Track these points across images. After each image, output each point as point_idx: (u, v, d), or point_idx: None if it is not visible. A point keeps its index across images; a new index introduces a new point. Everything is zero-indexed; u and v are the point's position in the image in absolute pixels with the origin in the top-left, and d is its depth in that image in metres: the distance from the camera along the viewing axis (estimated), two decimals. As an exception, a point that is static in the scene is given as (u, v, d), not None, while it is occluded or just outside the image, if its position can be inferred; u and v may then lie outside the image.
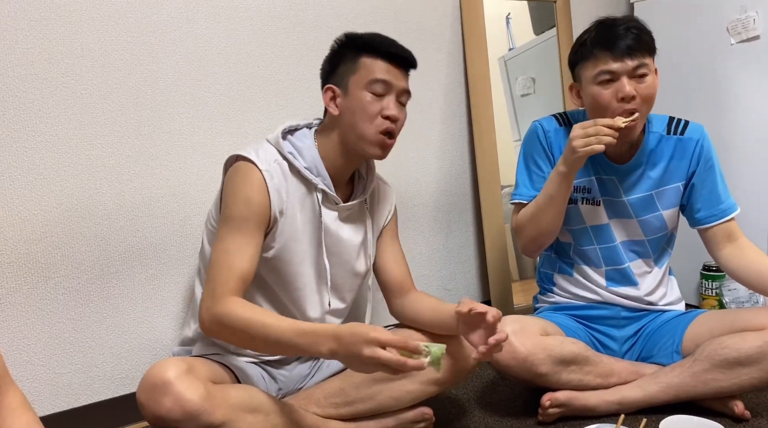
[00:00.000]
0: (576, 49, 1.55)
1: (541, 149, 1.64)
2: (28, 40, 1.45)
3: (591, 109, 1.53)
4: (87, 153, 1.54)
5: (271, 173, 1.31)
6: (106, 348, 1.61)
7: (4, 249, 1.46)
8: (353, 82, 1.35)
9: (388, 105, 1.35)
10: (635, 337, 1.66)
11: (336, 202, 1.40)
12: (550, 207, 1.55)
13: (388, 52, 1.36)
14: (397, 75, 1.37)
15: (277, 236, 1.34)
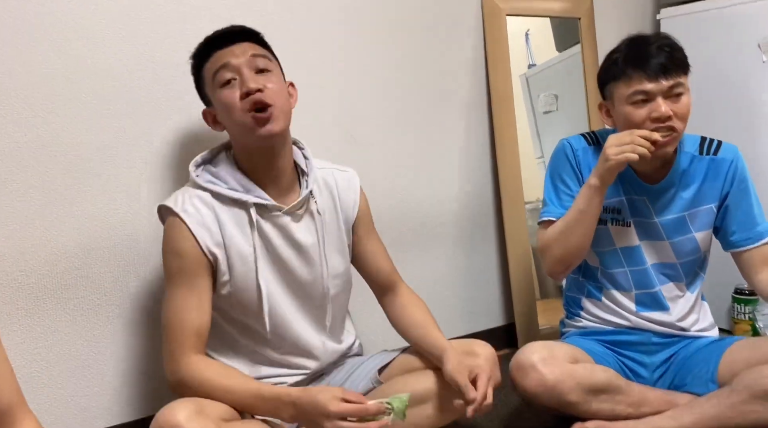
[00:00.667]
0: (607, 67, 1.51)
1: (569, 167, 1.60)
2: (50, 60, 1.44)
3: (624, 129, 1.49)
4: (107, 173, 1.52)
5: (189, 213, 1.27)
6: (125, 370, 1.58)
7: (24, 269, 1.45)
8: (210, 92, 1.34)
9: (242, 83, 1.28)
10: (667, 364, 1.60)
11: (279, 208, 1.33)
12: (579, 223, 1.50)
13: (211, 42, 1.33)
14: (235, 51, 1.30)
15: (227, 269, 1.30)
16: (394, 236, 1.97)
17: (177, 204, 1.29)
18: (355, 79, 1.87)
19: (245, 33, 1.34)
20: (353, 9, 1.85)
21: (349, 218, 1.47)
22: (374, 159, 1.92)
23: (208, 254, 1.28)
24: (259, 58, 1.30)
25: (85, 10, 1.47)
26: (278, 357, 1.39)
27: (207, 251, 1.27)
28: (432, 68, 2.01)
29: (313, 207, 1.39)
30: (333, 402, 1.13)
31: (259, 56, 1.30)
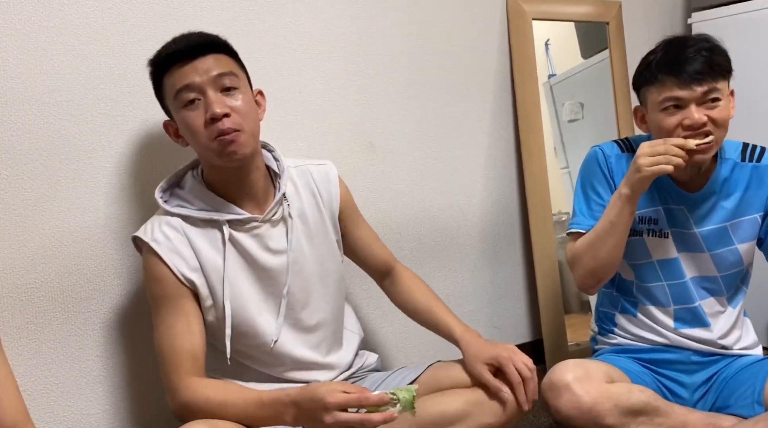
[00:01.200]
0: (641, 71, 1.45)
1: (601, 175, 1.53)
2: (64, 66, 1.40)
3: (657, 136, 1.42)
4: (121, 182, 1.48)
5: (159, 241, 1.23)
6: (138, 387, 1.53)
7: (34, 282, 1.40)
8: (171, 106, 1.26)
9: (207, 106, 1.19)
10: (708, 384, 1.52)
11: (254, 219, 1.28)
12: (610, 234, 1.43)
13: (173, 54, 1.22)
14: (198, 68, 1.20)
15: (208, 293, 1.26)
16: (415, 246, 1.91)
17: (147, 233, 1.25)
18: (375, 86, 1.82)
19: (208, 44, 1.24)
20: (374, 15, 1.80)
21: (334, 212, 1.42)
22: (395, 167, 1.87)
23: (185, 281, 1.24)
24: (225, 76, 1.22)
25: (100, 13, 1.43)
26: (283, 374, 1.34)
27: (183, 278, 1.24)
28: (455, 73, 1.95)
29: (286, 210, 1.33)
30: (331, 393, 1.09)
31: (225, 75, 1.22)
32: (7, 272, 1.37)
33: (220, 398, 1.18)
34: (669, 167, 1.32)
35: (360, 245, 1.48)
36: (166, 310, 1.24)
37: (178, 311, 1.23)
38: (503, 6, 2.03)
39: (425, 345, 1.91)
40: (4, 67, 1.35)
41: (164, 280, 1.23)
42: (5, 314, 1.37)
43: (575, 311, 2.22)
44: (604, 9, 2.22)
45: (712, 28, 2.21)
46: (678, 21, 2.41)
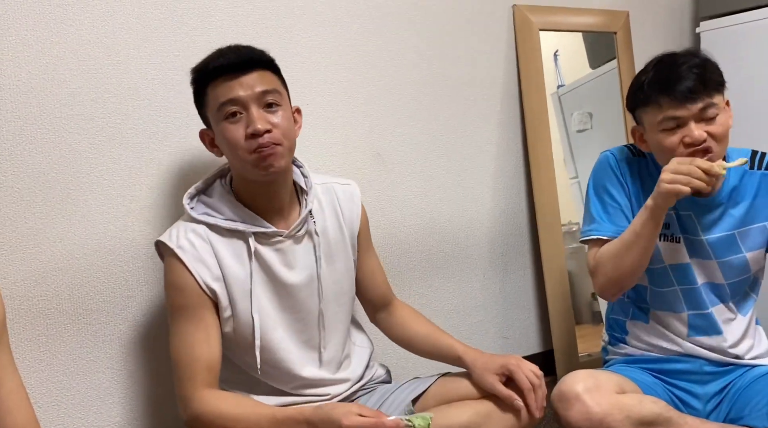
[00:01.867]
0: (634, 92, 1.44)
1: (614, 177, 1.52)
2: (75, 80, 1.42)
3: (659, 155, 1.42)
4: (132, 194, 1.49)
5: (184, 249, 1.24)
6: (149, 399, 1.53)
7: (45, 294, 1.41)
8: (211, 116, 1.27)
9: (249, 121, 1.21)
10: (721, 395, 1.50)
11: (279, 234, 1.29)
12: (635, 245, 1.41)
13: (220, 67, 1.23)
14: (244, 83, 1.22)
15: (228, 304, 1.26)
16: (424, 257, 1.91)
17: (172, 239, 1.25)
18: (383, 97, 1.83)
19: (255, 60, 1.26)
20: (381, 26, 1.81)
21: (354, 232, 1.42)
22: (403, 178, 1.87)
23: (207, 291, 1.24)
24: (269, 94, 1.24)
25: (111, 28, 1.45)
26: (293, 390, 1.34)
27: (206, 287, 1.24)
28: (463, 84, 1.96)
29: (312, 227, 1.34)
30: (347, 416, 1.09)
31: (269, 92, 1.24)
32: (19, 284, 1.38)
33: (234, 412, 1.18)
34: (687, 189, 1.31)
35: (365, 273, 1.47)
36: (185, 319, 1.24)
37: (198, 321, 1.24)
38: (510, 17, 2.04)
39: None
40: (16, 82, 1.37)
41: (186, 289, 1.24)
42: (16, 326, 1.37)
43: (586, 321, 2.21)
44: (612, 19, 2.22)
45: (721, 37, 2.21)
46: (686, 30, 2.41)
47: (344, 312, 1.41)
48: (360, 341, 1.49)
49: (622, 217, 1.49)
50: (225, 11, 1.58)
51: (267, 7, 1.64)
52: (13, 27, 1.36)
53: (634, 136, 1.49)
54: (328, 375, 1.36)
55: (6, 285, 1.35)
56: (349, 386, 1.40)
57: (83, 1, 1.42)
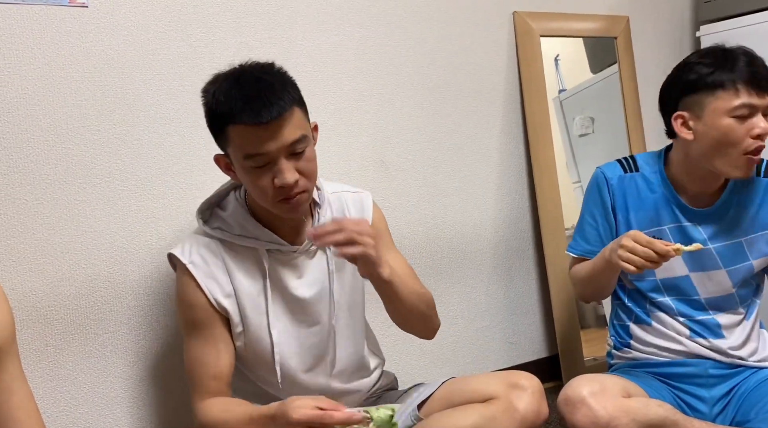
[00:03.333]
0: (694, 76, 1.40)
1: (599, 201, 1.54)
2: (81, 91, 1.44)
3: (717, 142, 1.39)
4: (138, 204, 1.50)
5: (196, 264, 1.23)
6: (158, 408, 1.53)
7: (53, 304, 1.42)
8: (232, 154, 1.20)
9: (278, 173, 1.16)
10: (727, 398, 1.49)
11: (292, 250, 1.28)
12: (595, 281, 1.52)
13: (244, 114, 1.13)
14: (273, 134, 1.14)
15: (239, 320, 1.26)
16: (428, 263, 1.91)
17: (184, 254, 1.25)
18: (386, 104, 1.84)
19: (284, 97, 1.15)
20: (384, 34, 1.83)
21: None
22: (406, 185, 1.88)
23: (218, 307, 1.25)
24: (298, 143, 1.17)
25: (116, 40, 1.47)
26: None
27: (216, 304, 1.24)
28: (465, 91, 1.97)
29: None
30: (296, 410, 1.08)
31: (298, 142, 1.17)
32: (27, 295, 1.39)
33: (222, 416, 1.21)
34: (632, 268, 1.31)
35: None
36: (196, 335, 1.25)
37: (208, 337, 1.25)
38: (511, 23, 2.05)
39: (440, 362, 1.91)
40: (23, 94, 1.38)
41: (197, 306, 1.24)
42: (24, 336, 1.38)
43: (591, 326, 2.21)
44: (612, 24, 2.23)
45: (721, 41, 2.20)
46: (687, 34, 2.42)
47: (358, 322, 1.40)
48: (372, 350, 1.47)
49: (596, 238, 1.54)
50: (229, 21, 1.60)
51: (270, 17, 1.65)
52: (20, 40, 1.37)
53: (676, 121, 1.44)
54: (340, 385, 1.36)
55: (14, 295, 1.37)
56: (361, 396, 1.40)
57: (88, 14, 1.43)
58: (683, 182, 1.48)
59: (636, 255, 1.31)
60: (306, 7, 1.70)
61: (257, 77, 1.18)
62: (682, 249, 1.31)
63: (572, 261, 1.61)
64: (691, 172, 1.46)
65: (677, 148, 1.48)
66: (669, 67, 1.49)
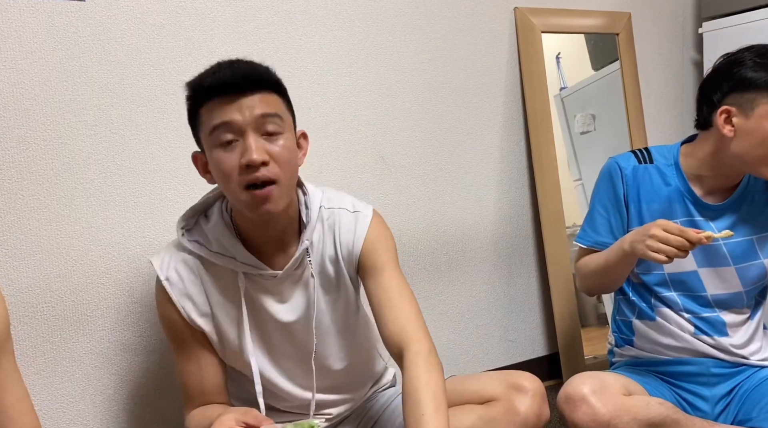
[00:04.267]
0: (752, 74, 1.36)
1: (611, 191, 1.52)
2: (78, 87, 1.43)
3: (759, 144, 1.36)
4: (135, 201, 1.49)
5: (171, 281, 1.17)
6: (153, 405, 1.53)
7: (49, 300, 1.41)
8: (204, 140, 1.11)
9: (244, 150, 1.06)
10: (729, 397, 1.48)
11: (272, 275, 1.18)
12: (607, 274, 1.48)
13: (214, 85, 1.07)
14: (242, 105, 1.06)
15: (217, 339, 1.22)
16: (428, 261, 1.90)
17: (162, 269, 1.18)
18: (386, 101, 1.83)
19: (257, 80, 1.09)
20: (384, 31, 1.82)
21: (352, 262, 1.25)
22: (407, 181, 1.87)
23: (195, 327, 1.21)
24: (270, 119, 1.08)
25: (113, 35, 1.46)
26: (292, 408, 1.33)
27: (193, 324, 1.20)
28: (466, 88, 1.96)
29: (308, 269, 1.22)
30: (220, 425, 1.05)
31: (270, 117, 1.08)
32: (23, 291, 1.39)
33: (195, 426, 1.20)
34: (666, 260, 1.29)
35: (375, 308, 1.23)
36: (179, 351, 1.24)
37: (189, 354, 1.22)
38: (512, 20, 2.04)
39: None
40: (20, 89, 1.37)
41: (174, 324, 1.21)
42: (21, 332, 1.38)
43: (591, 324, 2.19)
44: (614, 20, 2.21)
45: (723, 37, 2.20)
46: (689, 30, 2.40)
47: (355, 343, 1.32)
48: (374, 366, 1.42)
49: (606, 229, 1.52)
50: (227, 18, 1.58)
51: (269, 12, 1.64)
52: (15, 34, 1.36)
53: (720, 115, 1.39)
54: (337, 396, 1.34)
55: (10, 291, 1.36)
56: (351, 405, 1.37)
57: (85, 9, 1.42)
58: (700, 176, 1.46)
59: (668, 244, 1.28)
60: (305, 4, 1.69)
61: (234, 62, 1.12)
62: (713, 236, 1.29)
63: (580, 253, 1.57)
64: (716, 168, 1.43)
65: (707, 141, 1.44)
66: (671, 64, 1.48)
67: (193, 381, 1.22)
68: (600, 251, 1.51)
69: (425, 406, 1.07)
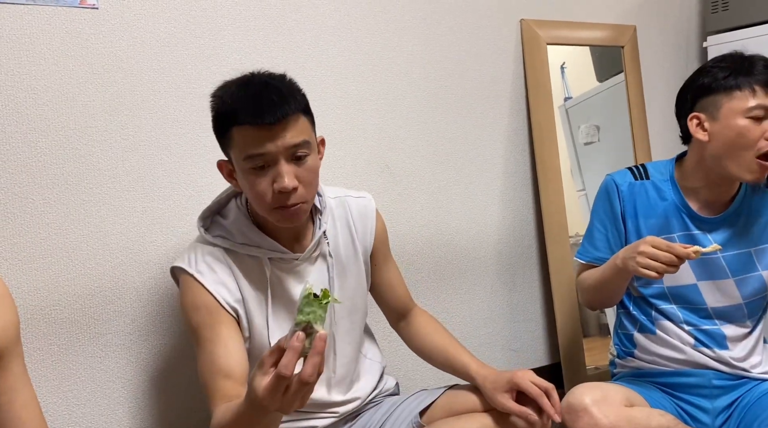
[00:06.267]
0: (710, 78, 1.41)
1: (608, 208, 1.54)
2: (89, 93, 1.44)
3: (731, 143, 1.39)
4: (143, 205, 1.50)
5: (203, 273, 1.22)
6: (159, 410, 1.54)
7: (57, 304, 1.43)
8: (234, 157, 1.19)
9: (277, 177, 1.14)
10: (730, 409, 1.49)
11: (294, 258, 1.27)
12: (602, 290, 1.51)
13: (250, 116, 1.13)
14: (275, 135, 1.13)
15: (247, 325, 1.25)
16: (432, 269, 1.91)
17: (191, 265, 1.23)
18: (392, 110, 1.84)
19: (289, 107, 1.15)
20: (391, 40, 1.83)
21: (367, 248, 1.39)
22: (411, 190, 1.88)
23: (230, 309, 1.23)
24: (300, 148, 1.16)
25: (124, 42, 1.47)
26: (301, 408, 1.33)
27: (228, 306, 1.22)
28: (471, 98, 1.97)
29: (325, 249, 1.32)
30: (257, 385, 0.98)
31: (300, 146, 1.16)
32: (32, 293, 1.40)
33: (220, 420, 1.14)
34: (656, 276, 1.31)
35: (385, 286, 1.45)
36: (204, 339, 1.21)
37: (215, 339, 1.20)
38: (518, 31, 2.05)
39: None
40: (32, 94, 1.39)
41: (205, 307, 1.21)
42: (28, 335, 1.39)
43: (594, 334, 2.20)
44: (619, 33, 2.23)
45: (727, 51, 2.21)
46: (693, 44, 2.42)
47: (357, 329, 1.39)
48: (372, 354, 1.47)
49: (604, 245, 1.54)
50: (236, 26, 1.60)
51: (278, 21, 1.66)
52: (29, 41, 1.38)
53: (691, 121, 1.45)
54: (338, 397, 1.35)
55: (19, 294, 1.37)
56: (358, 404, 1.39)
57: (98, 16, 1.44)
58: (695, 189, 1.48)
59: (657, 260, 1.30)
60: (313, 13, 1.71)
61: (265, 82, 1.18)
62: (701, 250, 1.30)
63: (580, 268, 1.61)
64: (705, 178, 1.46)
65: (692, 152, 1.48)
66: (675, 77, 1.50)
67: (220, 364, 1.18)
68: (598, 266, 1.54)
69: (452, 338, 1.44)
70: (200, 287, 1.22)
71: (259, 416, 0.98)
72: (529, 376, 1.29)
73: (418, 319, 1.49)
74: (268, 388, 0.88)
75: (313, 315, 0.88)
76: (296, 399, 0.90)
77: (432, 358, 1.46)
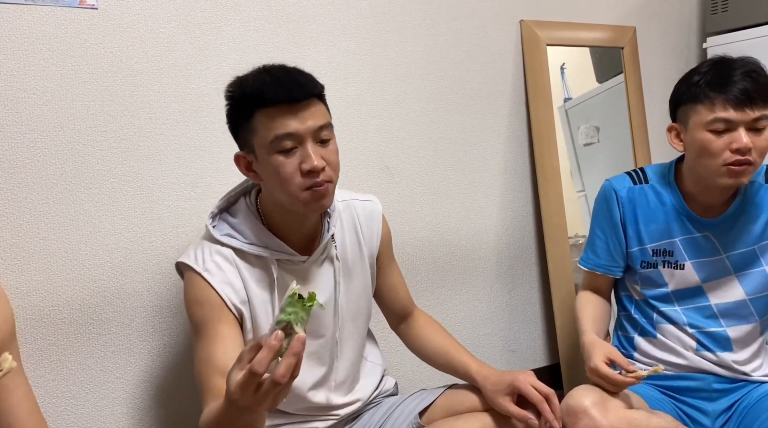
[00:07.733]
0: (685, 88, 1.41)
1: (607, 215, 1.55)
2: (89, 93, 1.44)
3: (698, 155, 1.40)
4: (143, 206, 1.50)
5: (211, 272, 1.21)
6: (158, 410, 1.53)
7: (56, 304, 1.42)
8: (257, 144, 1.18)
9: (305, 157, 1.15)
10: (730, 412, 1.49)
11: (302, 260, 1.26)
12: None
13: (277, 96, 1.14)
14: (302, 116, 1.14)
15: (251, 327, 1.24)
16: (431, 269, 1.91)
17: (198, 262, 1.22)
18: (392, 111, 1.84)
19: (311, 91, 1.17)
20: (391, 41, 1.83)
21: (373, 252, 1.40)
22: (411, 190, 1.88)
23: (234, 310, 1.22)
24: (324, 129, 1.17)
25: (124, 42, 1.47)
26: (300, 410, 1.33)
27: (233, 306, 1.22)
28: (471, 98, 1.97)
29: (333, 252, 1.32)
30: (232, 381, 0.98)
31: (324, 128, 1.17)
32: (31, 294, 1.40)
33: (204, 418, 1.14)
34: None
35: (388, 288, 1.46)
36: (204, 334, 1.21)
37: (215, 336, 1.20)
38: (518, 32, 2.05)
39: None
40: (31, 95, 1.38)
41: (206, 304, 1.21)
42: (27, 335, 1.39)
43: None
44: (619, 34, 2.23)
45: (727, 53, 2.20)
46: (693, 46, 2.42)
47: (360, 332, 1.39)
48: (373, 356, 1.47)
49: (605, 252, 1.56)
50: (236, 26, 1.60)
51: (277, 21, 1.66)
52: (29, 41, 1.38)
53: (670, 132, 1.46)
54: (339, 400, 1.35)
55: (17, 295, 1.37)
56: (358, 406, 1.39)
57: (98, 16, 1.44)
58: (693, 193, 1.48)
59: (601, 384, 1.38)
60: (314, 13, 1.70)
61: (284, 68, 1.20)
62: (642, 375, 1.36)
63: (583, 277, 1.63)
64: (697, 183, 1.46)
65: (685, 156, 1.49)
66: (675, 79, 1.49)
67: (216, 362, 1.16)
68: (601, 275, 1.58)
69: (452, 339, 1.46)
70: (206, 284, 1.21)
71: (235, 413, 0.96)
72: (531, 380, 1.29)
73: (418, 322, 1.50)
74: (240, 383, 0.87)
75: (294, 316, 0.87)
76: (267, 398, 0.88)
77: (432, 360, 1.46)
